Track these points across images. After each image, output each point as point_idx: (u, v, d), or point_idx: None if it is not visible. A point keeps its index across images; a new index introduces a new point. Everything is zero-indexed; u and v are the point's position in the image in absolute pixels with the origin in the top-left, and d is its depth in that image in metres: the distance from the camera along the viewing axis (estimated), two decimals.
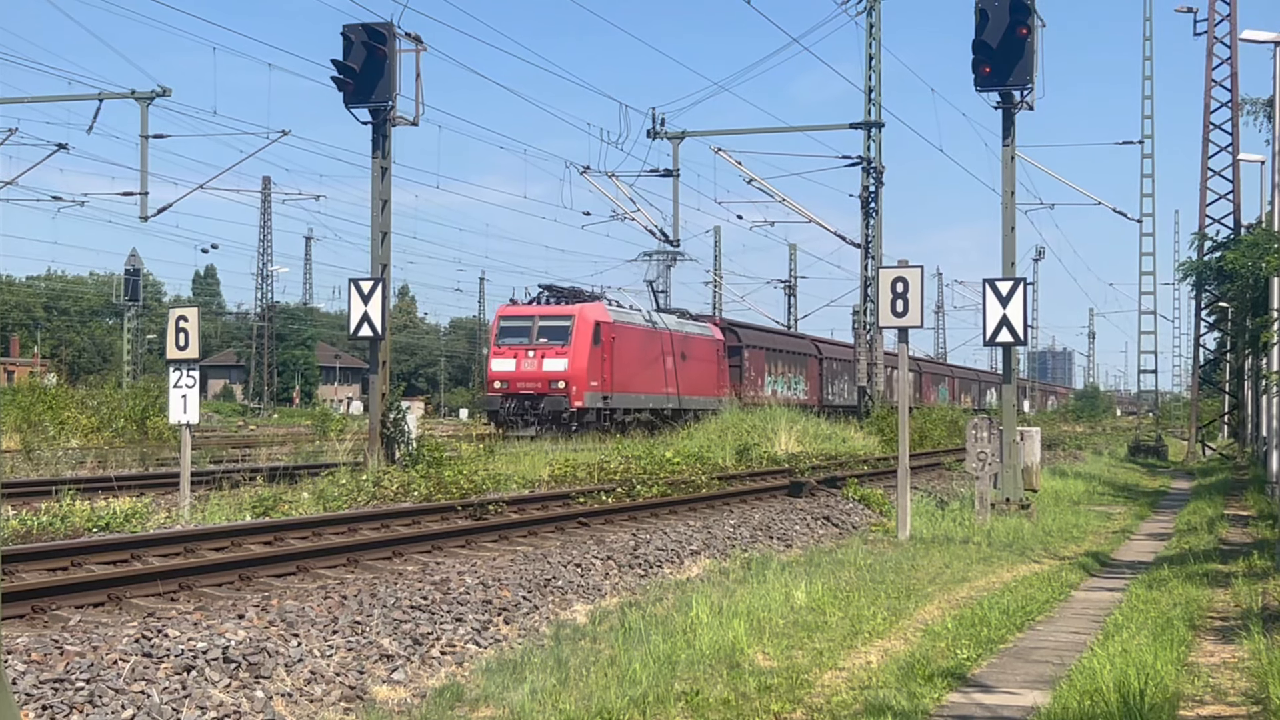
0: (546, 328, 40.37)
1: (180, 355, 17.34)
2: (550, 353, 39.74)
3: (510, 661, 9.52)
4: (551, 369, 39.50)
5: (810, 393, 59.26)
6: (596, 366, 40.03)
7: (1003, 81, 21.45)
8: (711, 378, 49.64)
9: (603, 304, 42.49)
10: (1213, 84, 48.49)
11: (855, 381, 64.62)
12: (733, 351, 51.85)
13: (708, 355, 49.71)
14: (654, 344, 44.80)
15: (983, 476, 20.43)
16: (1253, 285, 33.14)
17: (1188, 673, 9.17)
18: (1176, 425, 76.64)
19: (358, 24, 22.33)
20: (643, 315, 45.81)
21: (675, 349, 46.39)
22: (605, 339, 40.74)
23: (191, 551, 12.89)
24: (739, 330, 54.08)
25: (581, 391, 39.32)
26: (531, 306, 42.12)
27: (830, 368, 62.35)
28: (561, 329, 40.23)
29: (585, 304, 41.51)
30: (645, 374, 43.81)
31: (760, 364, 53.79)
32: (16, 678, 7.73)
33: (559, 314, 40.85)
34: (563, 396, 39.02)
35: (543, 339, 40.05)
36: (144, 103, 42.01)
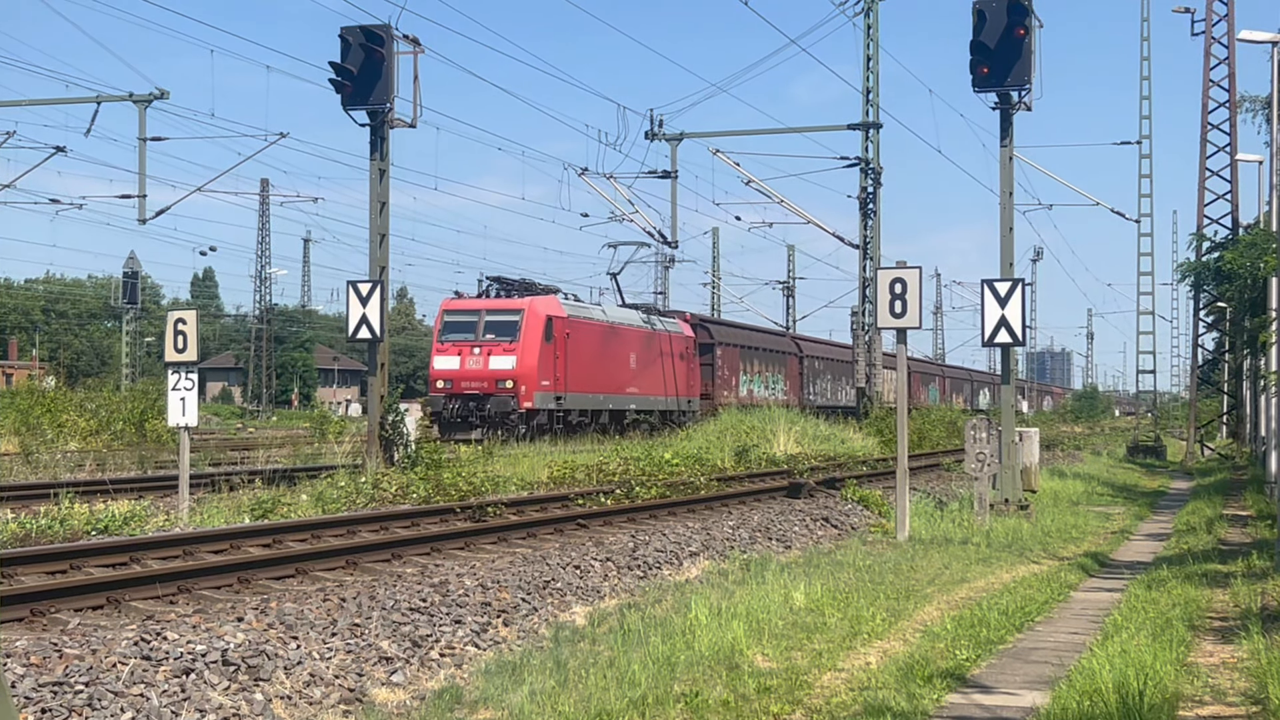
0: (494, 323, 37.51)
1: (178, 358, 17.34)
2: (497, 350, 36.88)
3: (509, 663, 9.51)
4: (498, 367, 36.71)
5: (790, 392, 57.01)
6: (548, 364, 37.40)
7: (1000, 82, 21.45)
8: (680, 377, 47.00)
9: (556, 298, 39.61)
10: (1210, 84, 48.51)
11: (839, 381, 62.54)
12: (704, 349, 49.28)
13: (676, 353, 46.87)
14: (615, 341, 42.14)
15: (981, 477, 20.43)
16: (1251, 285, 33.19)
17: (1187, 673, 9.17)
18: (1175, 425, 76.68)
19: (356, 26, 22.34)
20: (602, 310, 43.11)
21: (639, 346, 43.77)
22: (558, 335, 38.07)
23: (190, 554, 12.88)
24: (711, 326, 51.50)
25: (531, 391, 36.60)
26: (478, 300, 38.91)
27: (812, 366, 60.34)
28: (510, 324, 37.38)
29: (536, 297, 38.65)
30: (604, 373, 41.15)
31: (734, 362, 51.28)
32: (16, 681, 7.72)
33: (507, 308, 37.92)
34: (510, 397, 36.20)
35: (490, 335, 37.23)
36: (142, 105, 42.00)
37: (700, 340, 49.01)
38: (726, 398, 48.96)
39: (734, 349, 51.27)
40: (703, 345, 49.02)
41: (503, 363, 36.48)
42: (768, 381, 54.40)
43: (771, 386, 54.74)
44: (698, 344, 48.62)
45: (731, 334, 52.58)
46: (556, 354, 37.63)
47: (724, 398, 48.82)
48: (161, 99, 41.89)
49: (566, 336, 38.39)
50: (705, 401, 48.17)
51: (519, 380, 36.32)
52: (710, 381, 48.93)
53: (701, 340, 49.13)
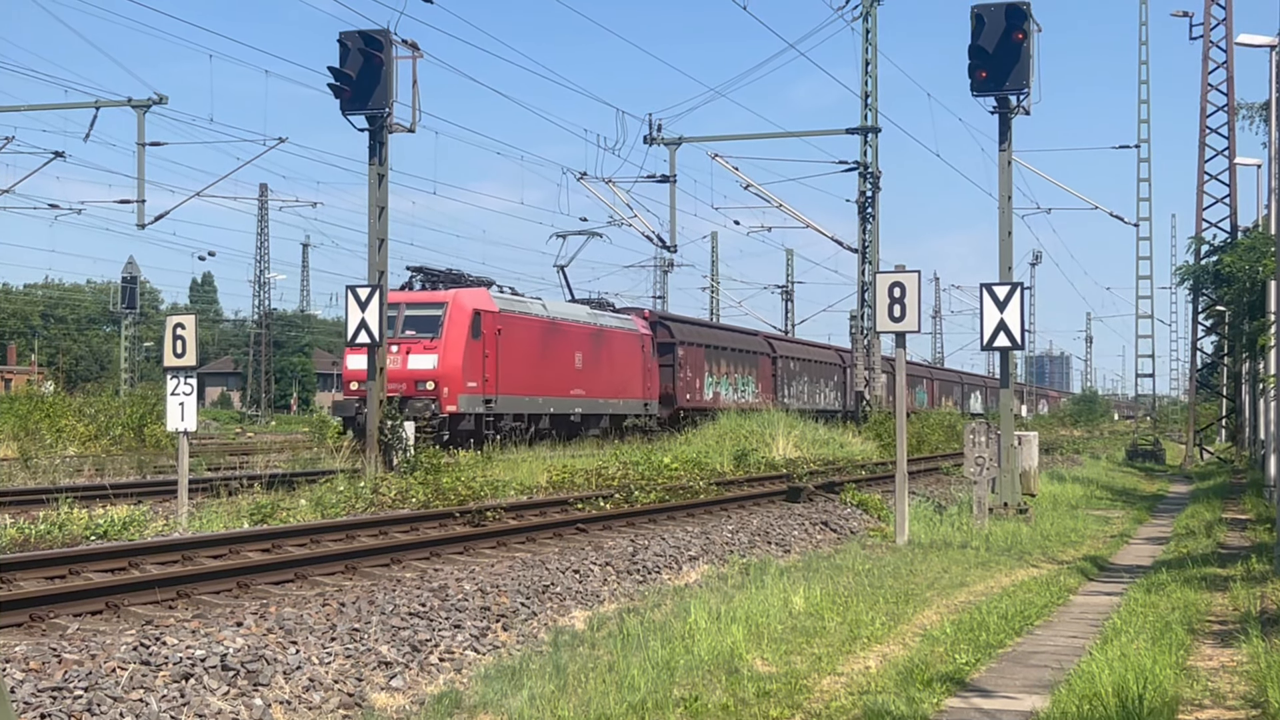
0: (414, 318, 33.90)
1: (177, 363, 17.33)
2: (417, 347, 33.32)
3: (509, 668, 9.51)
4: (418, 367, 33.14)
5: (762, 395, 53.63)
6: (476, 364, 33.90)
7: (999, 86, 21.47)
8: (635, 378, 43.39)
9: (487, 291, 36.03)
10: (1209, 88, 48.55)
11: (817, 383, 59.64)
12: (664, 348, 45.72)
13: (630, 352, 43.30)
14: (557, 339, 38.55)
15: (980, 481, 20.43)
16: (1250, 289, 33.17)
17: (1186, 677, 9.17)
18: (1174, 429, 76.72)
19: (354, 31, 22.36)
20: (542, 305, 39.31)
21: (586, 345, 40.21)
22: (488, 331, 34.52)
23: (189, 559, 12.88)
24: (671, 324, 47.87)
25: (455, 393, 33.09)
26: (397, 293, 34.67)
27: (787, 368, 56.85)
28: (431, 319, 33.82)
29: (463, 290, 35.06)
30: (544, 373, 37.43)
31: (699, 362, 47.98)
32: (15, 686, 7.72)
33: (429, 301, 34.33)
34: (431, 400, 32.69)
35: (409, 331, 33.56)
36: (141, 110, 42.04)
37: (660, 339, 45.94)
38: (690, 400, 46.65)
39: (698, 348, 48.26)
40: (662, 344, 45.90)
41: (422, 362, 33.16)
42: (736, 383, 51.63)
43: (741, 389, 51.97)
44: (657, 343, 45.54)
45: (695, 332, 49.70)
46: (486, 352, 34.29)
47: (687, 400, 46.44)
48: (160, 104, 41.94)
49: (498, 333, 35.23)
50: (666, 405, 45.42)
51: (440, 381, 33.08)
52: (671, 383, 45.89)
53: (661, 339, 45.98)
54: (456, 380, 33.13)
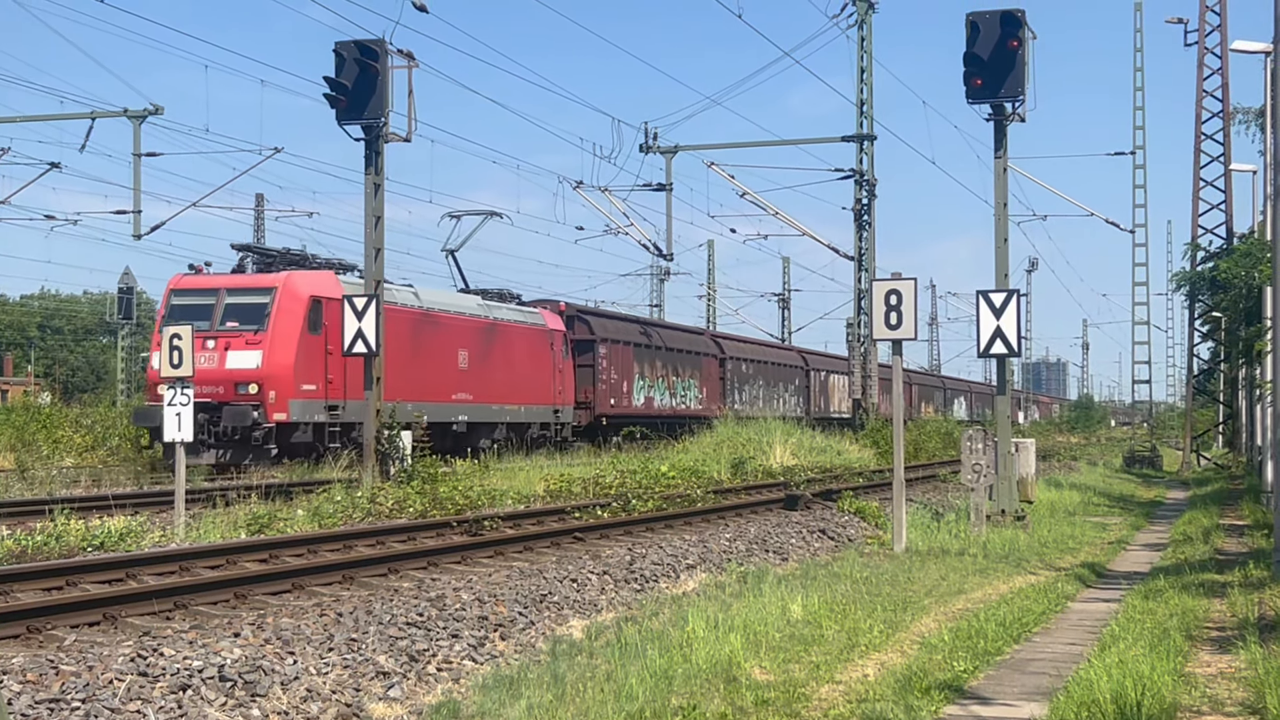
0: (236, 306, 28.57)
1: (174, 373, 17.33)
2: (237, 342, 28.01)
3: (507, 678, 9.50)
4: (238, 366, 27.73)
5: (707, 401, 49.15)
6: (314, 362, 28.67)
7: (994, 94, 21.49)
8: (541, 380, 38.24)
9: (333, 274, 30.43)
10: (1204, 94, 48.64)
11: (774, 387, 55.27)
12: (582, 346, 41.05)
13: (535, 350, 38.08)
14: (434, 334, 32.97)
15: (978, 488, 20.43)
16: (1246, 294, 33.22)
17: (1185, 683, 9.17)
18: (1171, 435, 76.75)
19: (350, 41, 22.36)
20: (413, 293, 33.36)
21: (474, 341, 34.89)
22: (333, 323, 27.99)
23: (186, 570, 12.86)
24: (591, 319, 42.93)
25: (284, 398, 27.79)
26: (217, 276, 29.73)
27: (738, 370, 52.22)
28: (256, 308, 28.41)
29: (298, 272, 29.51)
30: (414, 374, 31.63)
31: (626, 363, 43.21)
32: (12, 698, 7.71)
33: (255, 286, 28.94)
34: (253, 406, 27.43)
35: (231, 322, 28.37)
36: (136, 121, 42.06)
37: (578, 336, 41.13)
38: (615, 406, 42.11)
39: (625, 347, 43.40)
40: (580, 342, 41.07)
41: (243, 360, 27.66)
42: (675, 387, 46.80)
43: (681, 393, 47.33)
44: (572, 340, 40.66)
45: (622, 329, 44.83)
46: (330, 348, 28.61)
47: (611, 406, 41.89)
48: (156, 114, 41.98)
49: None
50: (583, 410, 40.95)
51: (265, 383, 27.75)
52: (591, 386, 41.21)
53: (579, 336, 41.11)
54: (286, 382, 27.98)
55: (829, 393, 63.24)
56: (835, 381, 64.01)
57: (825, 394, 62.71)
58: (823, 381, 62.61)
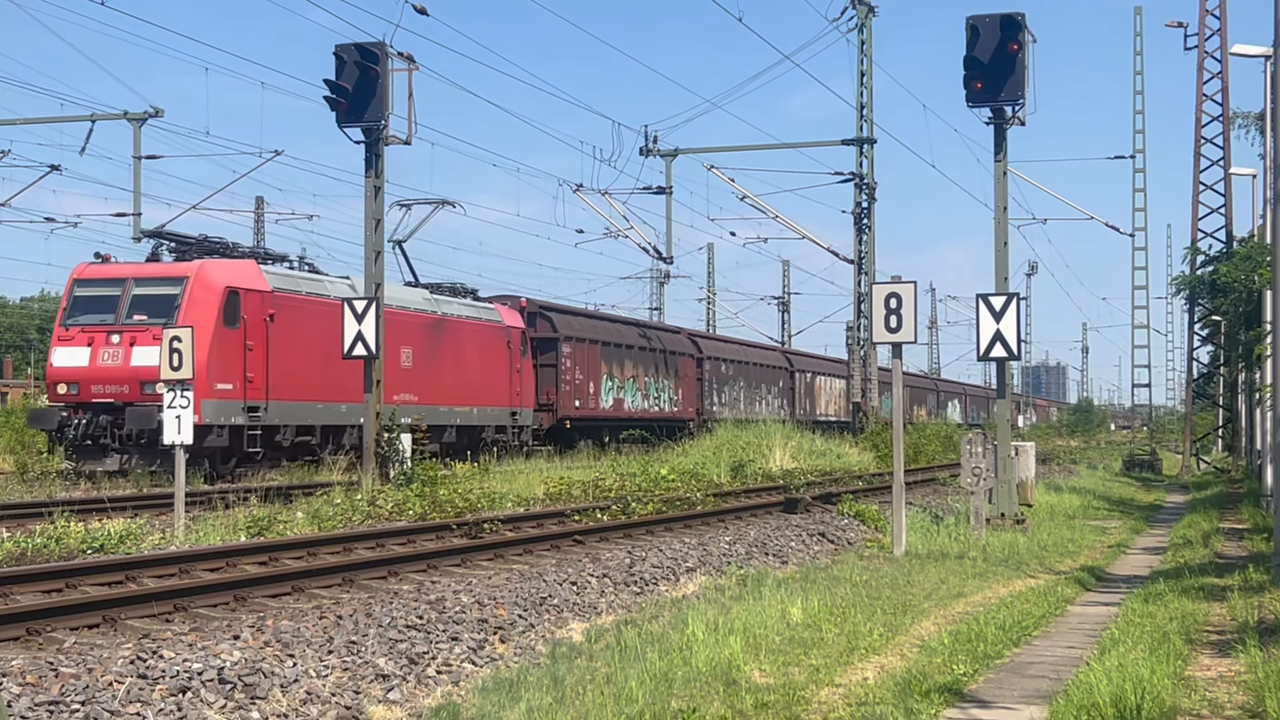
0: (144, 298, 26.34)
1: (174, 376, 17.33)
2: (144, 337, 25.63)
3: (506, 680, 9.50)
4: (144, 363, 25.22)
5: (683, 403, 47.30)
6: (231, 359, 26.49)
7: (994, 97, 21.50)
8: (497, 380, 35.93)
9: (254, 264, 28.27)
10: (1204, 98, 48.65)
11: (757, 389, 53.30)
12: (544, 345, 38.76)
13: (490, 348, 35.70)
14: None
15: (978, 491, 20.43)
16: (1246, 298, 33.21)
17: (1184, 687, 9.17)
18: (1171, 439, 76.73)
19: (350, 44, 22.39)
20: (347, 285, 30.65)
21: (420, 339, 32.46)
22: (253, 316, 26.80)
23: (186, 572, 12.86)
24: (554, 316, 40.46)
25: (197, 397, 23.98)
26: (124, 265, 27.61)
27: (717, 371, 50.06)
28: (165, 299, 26.14)
29: (213, 260, 27.40)
30: (348, 373, 27.93)
31: (593, 363, 41.06)
32: (11, 700, 7.71)
33: (164, 276, 26.68)
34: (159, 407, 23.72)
35: (138, 315, 26.14)
36: (136, 124, 42.09)
37: (539, 334, 38.92)
38: (580, 408, 40.14)
39: (591, 345, 41.22)
40: (542, 340, 38.75)
41: (150, 356, 24.76)
42: (647, 388, 44.62)
43: (654, 395, 45.24)
44: (532, 338, 38.45)
45: (588, 326, 42.57)
46: (249, 344, 26.81)
47: (575, 409, 39.91)
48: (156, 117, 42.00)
49: (269, 320, 27.60)
50: (545, 413, 38.80)
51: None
52: (554, 387, 38.97)
53: (541, 334, 38.80)
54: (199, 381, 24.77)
55: (815, 395, 61.50)
56: (822, 383, 62.35)
57: (811, 396, 61.00)
58: (808, 383, 60.91)
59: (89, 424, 25.78)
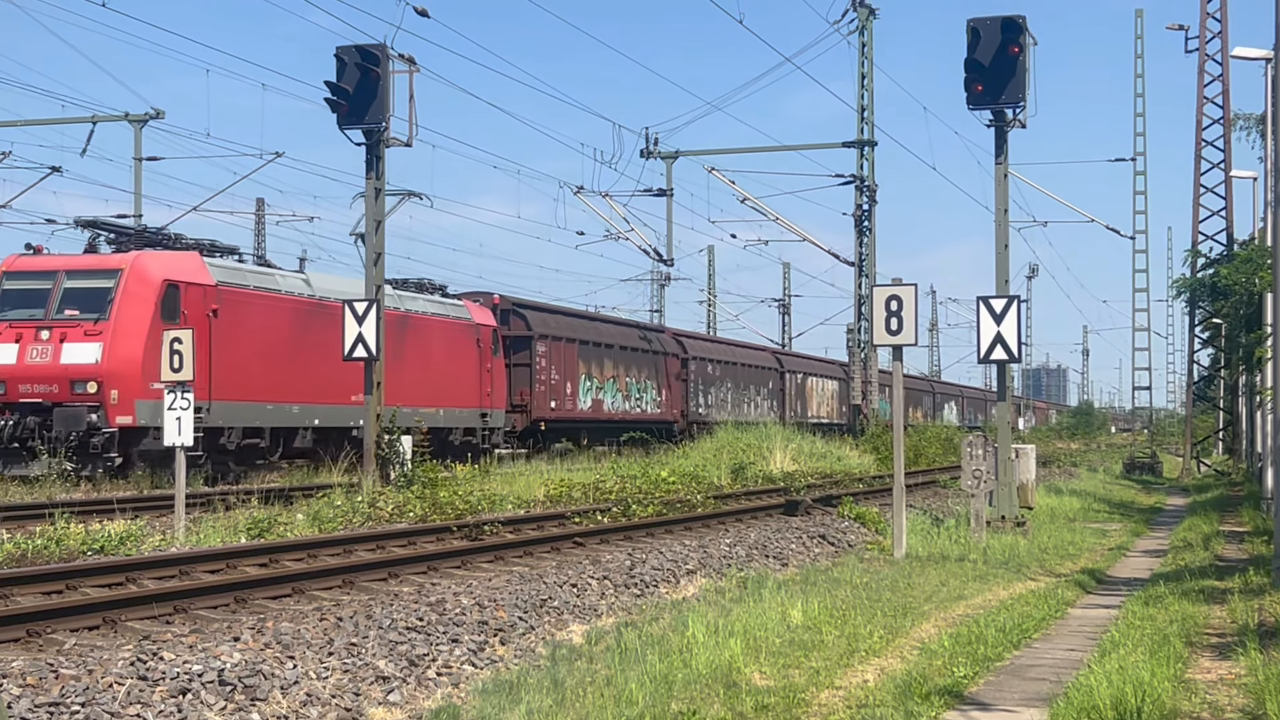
0: (76, 291, 24.86)
1: (175, 377, 17.33)
2: (75, 333, 24.36)
3: (506, 682, 9.50)
4: (74, 361, 24.14)
5: (666, 404, 46.04)
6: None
7: (995, 99, 21.51)
8: (465, 380, 34.15)
9: (197, 255, 26.64)
10: (1205, 101, 48.67)
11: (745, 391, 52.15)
12: (518, 343, 37.29)
13: (458, 347, 34.06)
14: (326, 326, 27.61)
15: (978, 494, 20.43)
16: (1246, 301, 33.23)
17: (1185, 689, 9.17)
18: (1171, 442, 76.76)
19: (351, 46, 22.38)
20: (302, 280, 29.52)
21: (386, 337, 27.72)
22: (195, 311, 25.26)
23: (186, 574, 12.86)
24: (529, 313, 38.93)
25: (130, 398, 24.21)
26: (56, 257, 26.14)
27: (702, 371, 48.67)
28: (98, 293, 24.70)
29: (150, 252, 25.84)
30: (300, 372, 27.74)
31: (570, 362, 39.60)
32: (12, 701, 7.71)
33: (97, 268, 25.18)
34: (91, 408, 23.98)
35: (70, 309, 24.71)
36: (137, 125, 42.16)
37: (513, 332, 37.45)
38: (556, 409, 38.77)
39: (569, 344, 39.83)
40: (515, 338, 37.24)
41: (81, 353, 23.96)
42: (629, 389, 43.23)
43: (636, 396, 43.85)
44: (505, 336, 36.99)
45: (565, 324, 40.97)
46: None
47: (551, 410, 38.50)
48: (157, 119, 42.10)
49: (213, 315, 25.92)
50: (518, 414, 37.37)
51: (107, 381, 24.08)
52: (528, 387, 37.50)
53: (515, 332, 37.32)
54: (133, 380, 24.26)
55: (807, 396, 60.13)
56: (814, 385, 61.08)
57: (803, 398, 59.47)
58: (799, 384, 59.36)
59: (16, 426, 24.20)
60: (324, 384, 28.68)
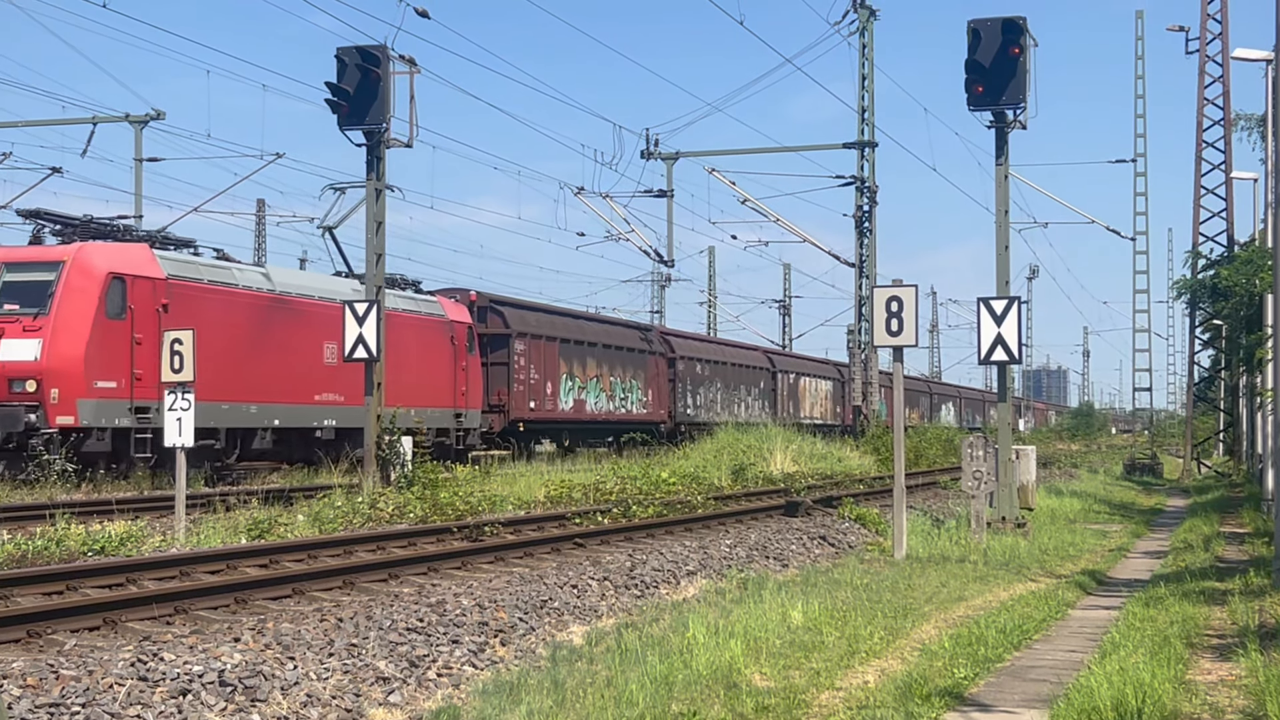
0: (16, 285, 23.72)
1: (175, 378, 17.34)
2: (14, 328, 23.26)
3: (507, 683, 9.50)
4: (12, 358, 23.03)
5: (653, 405, 44.87)
6: (116, 353, 23.82)
7: (995, 101, 21.51)
8: (437, 378, 32.95)
9: (146, 248, 25.52)
10: (1205, 102, 48.66)
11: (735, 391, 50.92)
12: (495, 342, 35.90)
13: (431, 345, 32.78)
14: (287, 323, 27.54)
15: (978, 495, 20.43)
16: (1247, 302, 33.23)
17: (1185, 691, 9.16)
18: (1172, 443, 76.75)
19: (352, 47, 22.39)
20: (263, 275, 28.32)
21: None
22: (142, 306, 24.14)
23: (187, 575, 12.86)
24: (505, 311, 37.45)
25: (72, 397, 23.04)
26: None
27: (691, 371, 47.48)
28: (39, 286, 23.61)
29: (95, 243, 24.74)
30: (260, 370, 26.55)
31: (550, 361, 38.33)
32: (12, 702, 7.71)
33: (38, 260, 24.11)
34: (29, 407, 22.80)
35: (9, 304, 23.61)
36: (138, 126, 42.18)
37: (490, 330, 36.13)
38: (535, 410, 37.45)
39: (549, 343, 38.57)
40: (493, 336, 35.77)
41: (19, 350, 22.85)
42: (613, 389, 42.08)
43: (621, 396, 42.65)
44: (482, 334, 35.90)
45: (547, 322, 39.59)
46: (138, 337, 24.06)
47: (531, 410, 37.17)
48: (158, 120, 42.12)
49: (162, 310, 24.63)
50: (496, 414, 36.04)
51: (47, 379, 22.91)
52: (505, 387, 36.17)
53: (492, 330, 35.86)
54: (75, 378, 23.15)
55: (800, 397, 58.62)
56: (807, 385, 59.61)
57: (795, 398, 57.94)
58: (792, 384, 57.89)
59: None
60: (285, 382, 27.78)
